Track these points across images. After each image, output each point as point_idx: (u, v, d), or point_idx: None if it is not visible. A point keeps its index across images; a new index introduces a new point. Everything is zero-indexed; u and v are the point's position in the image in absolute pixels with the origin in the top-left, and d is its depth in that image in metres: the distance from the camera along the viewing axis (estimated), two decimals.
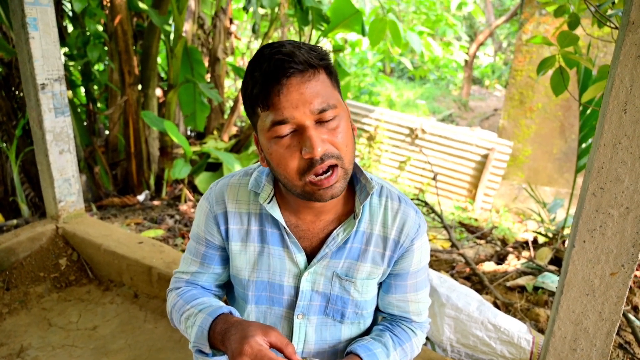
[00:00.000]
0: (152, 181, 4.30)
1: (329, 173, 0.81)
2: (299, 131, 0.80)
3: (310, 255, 0.97)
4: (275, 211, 0.93)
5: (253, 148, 5.42)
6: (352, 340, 1.03)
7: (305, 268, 0.96)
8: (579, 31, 2.46)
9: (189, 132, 6.09)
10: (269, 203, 0.93)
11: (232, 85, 8.75)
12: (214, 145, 4.95)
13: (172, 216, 3.61)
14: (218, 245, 1.01)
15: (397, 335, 1.02)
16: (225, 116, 6.35)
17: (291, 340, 0.97)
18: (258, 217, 0.97)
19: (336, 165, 0.82)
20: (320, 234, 0.96)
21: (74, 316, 1.97)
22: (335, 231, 0.94)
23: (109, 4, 4.05)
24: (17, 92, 3.87)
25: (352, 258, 0.96)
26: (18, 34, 2.27)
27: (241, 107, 6.35)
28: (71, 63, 4.13)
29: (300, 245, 0.95)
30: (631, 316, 2.16)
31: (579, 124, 2.84)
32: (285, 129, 0.79)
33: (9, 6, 2.27)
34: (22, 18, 2.20)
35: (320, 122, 0.80)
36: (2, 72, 3.78)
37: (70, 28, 4.39)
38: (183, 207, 3.87)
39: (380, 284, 1.04)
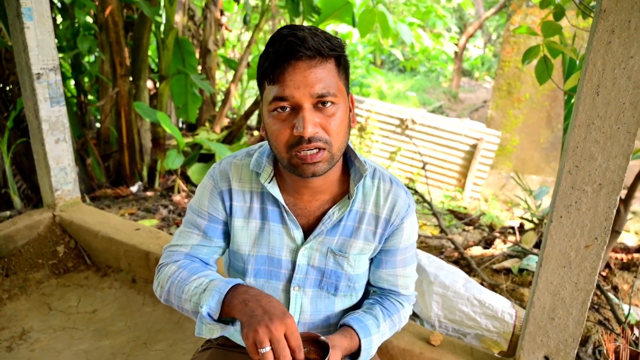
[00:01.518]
0: (144, 172, 4.33)
1: (315, 151, 0.87)
2: (296, 110, 0.86)
3: (307, 232, 1.04)
4: (275, 190, 0.99)
5: (245, 139, 5.46)
6: (344, 312, 1.11)
7: (302, 244, 1.03)
8: (564, 22, 2.54)
9: (180, 124, 6.10)
10: (269, 183, 0.99)
11: (222, 77, 8.74)
12: (206, 137, 4.97)
13: (165, 206, 3.65)
14: (222, 220, 1.06)
15: (387, 308, 1.09)
16: (217, 108, 6.36)
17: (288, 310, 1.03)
18: (259, 196, 1.03)
19: (323, 149, 0.88)
20: (316, 212, 1.03)
21: (73, 300, 2.01)
22: (330, 210, 1.01)
23: None
24: (7, 84, 3.86)
25: (345, 235, 1.03)
26: (13, 24, 2.28)
27: (232, 99, 6.37)
28: (60, 55, 4.12)
29: (297, 222, 1.02)
30: (610, 294, 2.26)
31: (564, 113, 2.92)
32: (284, 104, 0.86)
33: None
34: (17, 8, 2.22)
35: (317, 106, 0.86)
36: None
37: (59, 19, 4.37)
38: (176, 197, 3.90)
39: (371, 260, 1.11)
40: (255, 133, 6.59)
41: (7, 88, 3.85)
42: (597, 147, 1.08)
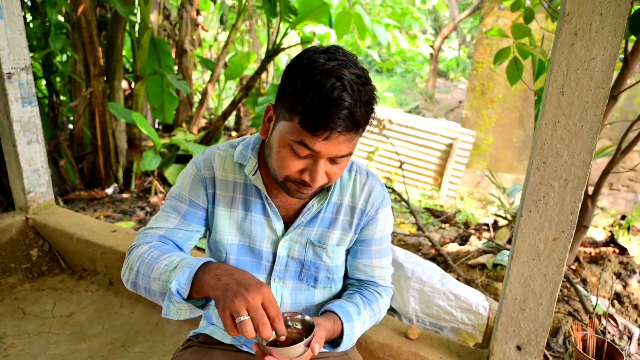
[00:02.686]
0: (120, 174, 4.26)
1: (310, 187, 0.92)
2: (314, 157, 0.88)
3: (287, 224, 1.06)
4: (259, 182, 1.02)
5: (223, 140, 5.42)
6: (324, 303, 1.13)
7: (283, 235, 1.05)
8: (534, 25, 2.62)
9: (156, 125, 6.02)
10: (253, 175, 1.02)
11: (199, 78, 8.66)
12: (183, 138, 4.93)
13: (142, 208, 3.60)
14: (202, 206, 1.06)
15: (366, 297, 1.13)
16: (194, 108, 6.30)
17: None
18: (242, 187, 1.05)
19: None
20: (296, 204, 1.06)
21: (48, 305, 1.97)
22: (310, 202, 1.04)
23: None
24: None
25: (324, 226, 1.07)
26: None
27: (210, 100, 6.31)
28: (31, 54, 4.01)
29: (279, 214, 1.05)
30: (579, 287, 2.35)
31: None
32: (305, 152, 0.87)
33: None
34: None
35: (333, 160, 0.90)
36: None
37: (29, 18, 4.25)
38: (153, 199, 3.86)
39: (348, 251, 1.14)
40: (233, 134, 6.55)
41: None
42: (562, 144, 1.13)
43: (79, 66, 4.41)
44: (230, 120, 7.01)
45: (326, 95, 0.80)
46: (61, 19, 4.33)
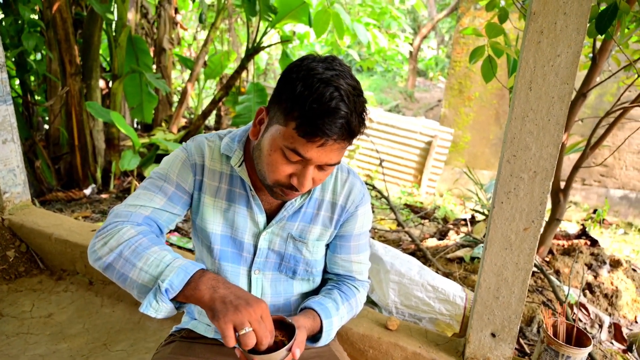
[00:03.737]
0: (98, 174, 4.20)
1: (297, 193, 0.96)
2: (303, 162, 0.90)
3: (269, 217, 1.09)
4: (244, 174, 1.04)
5: None
6: (303, 295, 1.17)
7: (264, 228, 1.08)
8: (508, 25, 2.70)
9: (135, 124, 5.95)
10: (239, 167, 1.04)
11: (178, 77, 8.57)
12: (162, 137, 4.88)
13: None
14: (187, 191, 1.07)
15: (344, 292, 1.16)
16: (174, 108, 6.24)
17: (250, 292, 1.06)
18: (228, 178, 1.07)
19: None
20: None
21: (26, 305, 1.95)
22: None
23: None
24: None
25: (305, 221, 1.09)
26: None
27: (189, 99, 6.26)
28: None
29: (262, 207, 1.07)
30: (552, 277, 2.43)
31: None
32: (296, 158, 0.89)
33: None
34: None
35: (322, 167, 0.92)
36: None
37: (0, 16, 4.16)
38: None
39: (327, 246, 1.17)
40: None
41: None
42: (531, 137, 1.18)
43: (54, 65, 4.33)
44: (210, 119, 6.97)
45: (325, 103, 0.83)
46: (34, 16, 4.24)
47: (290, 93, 0.86)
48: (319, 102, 0.82)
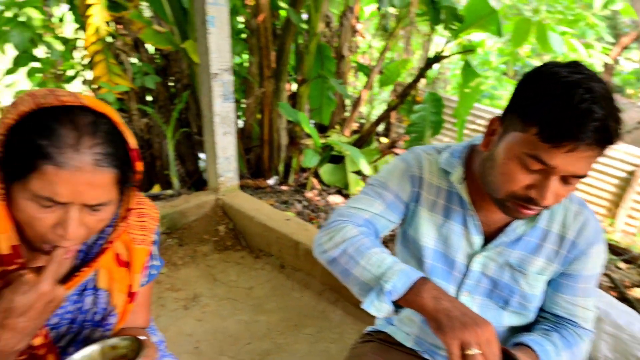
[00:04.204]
0: (281, 168, 4.64)
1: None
2: (545, 172, 0.82)
3: (486, 240, 1.03)
4: (464, 192, 1.01)
5: (375, 145, 5.55)
6: (512, 329, 1.07)
7: (479, 251, 1.02)
8: None
9: (311, 125, 6.42)
10: (460, 184, 1.01)
11: (352, 83, 8.98)
12: (337, 139, 5.17)
13: (300, 201, 3.88)
14: (404, 200, 1.07)
15: (565, 338, 1.02)
16: (347, 112, 6.56)
17: None
18: (445, 194, 1.05)
19: None
20: (499, 222, 1.01)
21: (233, 275, 2.25)
22: (515, 222, 0.99)
23: (253, 3, 4.44)
24: (173, 81, 4.43)
25: (526, 251, 1.00)
26: (199, 30, 2.62)
27: (363, 105, 6.50)
28: None
29: (480, 228, 1.02)
30: None
31: None
32: (537, 166, 0.82)
33: (185, 6, 2.62)
34: (203, 16, 2.54)
35: (565, 178, 0.83)
36: (162, 63, 4.35)
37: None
38: (309, 194, 4.12)
39: (549, 283, 1.06)
40: (383, 139, 6.65)
41: (171, 84, 4.43)
42: None
43: (253, 68, 4.94)
44: (380, 126, 7.13)
45: (574, 106, 0.76)
46: (240, 25, 4.89)
47: (530, 98, 0.81)
48: (567, 105, 0.76)
